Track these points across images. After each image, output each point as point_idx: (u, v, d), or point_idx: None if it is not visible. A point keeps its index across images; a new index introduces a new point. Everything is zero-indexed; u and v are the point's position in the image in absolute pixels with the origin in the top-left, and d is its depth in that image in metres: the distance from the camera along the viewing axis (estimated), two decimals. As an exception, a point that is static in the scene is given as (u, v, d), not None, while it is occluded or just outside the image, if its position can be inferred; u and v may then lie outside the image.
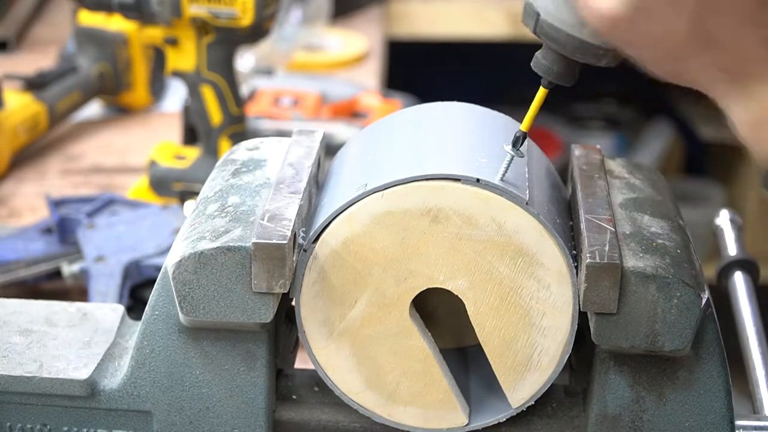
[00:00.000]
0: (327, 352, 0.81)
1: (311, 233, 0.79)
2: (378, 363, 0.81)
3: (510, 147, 0.79)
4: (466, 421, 0.83)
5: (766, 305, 3.11)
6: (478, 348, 0.82)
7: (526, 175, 0.81)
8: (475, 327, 0.80)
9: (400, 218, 0.78)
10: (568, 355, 0.81)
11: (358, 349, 0.81)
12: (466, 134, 0.85)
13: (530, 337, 0.80)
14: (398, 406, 0.82)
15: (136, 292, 1.21)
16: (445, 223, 0.78)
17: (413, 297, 0.80)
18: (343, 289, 0.80)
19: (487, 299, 0.79)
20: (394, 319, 0.80)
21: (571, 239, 0.81)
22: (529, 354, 0.81)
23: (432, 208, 0.78)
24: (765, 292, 3.12)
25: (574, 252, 0.79)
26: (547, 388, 0.82)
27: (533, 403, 0.82)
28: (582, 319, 0.80)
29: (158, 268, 1.19)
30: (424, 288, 0.80)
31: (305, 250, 0.79)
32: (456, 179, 0.78)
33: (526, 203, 0.78)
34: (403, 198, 0.78)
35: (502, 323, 0.80)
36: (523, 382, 0.81)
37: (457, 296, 0.80)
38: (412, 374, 0.81)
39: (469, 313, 0.80)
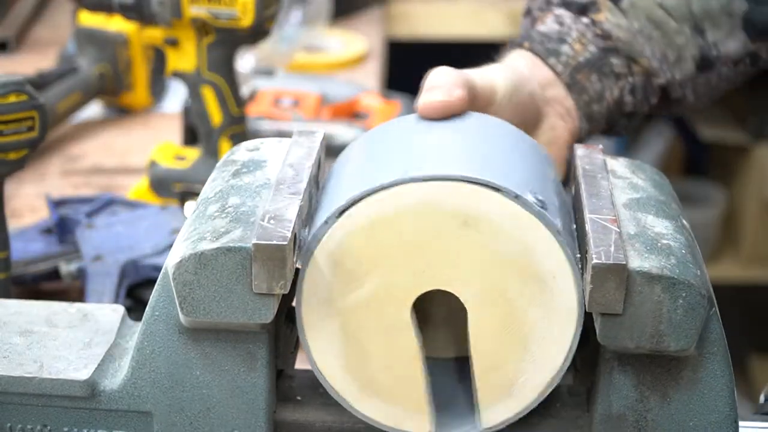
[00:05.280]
0: (320, 341, 0.81)
1: (312, 232, 0.79)
2: (365, 350, 0.80)
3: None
4: (430, 429, 0.82)
5: (766, 307, 3.09)
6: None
7: (557, 203, 0.81)
8: (470, 339, 0.80)
9: (427, 217, 0.78)
10: (551, 389, 0.80)
11: (348, 333, 0.80)
12: (501, 144, 0.85)
13: (521, 363, 0.80)
14: (369, 397, 0.81)
15: (136, 292, 1.21)
16: (474, 230, 0.78)
17: (418, 295, 0.80)
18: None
19: (491, 316, 0.79)
20: (393, 313, 0.80)
21: (575, 240, 0.81)
22: (514, 379, 0.80)
23: (464, 212, 0.77)
24: (765, 293, 3.12)
25: (578, 255, 0.79)
26: (521, 416, 0.81)
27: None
28: (586, 319, 0.80)
29: (156, 268, 1.19)
30: (432, 288, 0.79)
31: (305, 249, 0.79)
32: (496, 189, 0.77)
33: (558, 232, 0.78)
34: (432, 196, 0.77)
35: (498, 343, 0.80)
36: (499, 406, 0.81)
37: (458, 306, 0.80)
38: (394, 369, 0.81)
39: (469, 324, 0.80)
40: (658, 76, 1.08)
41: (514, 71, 1.01)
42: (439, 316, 0.87)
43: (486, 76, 0.96)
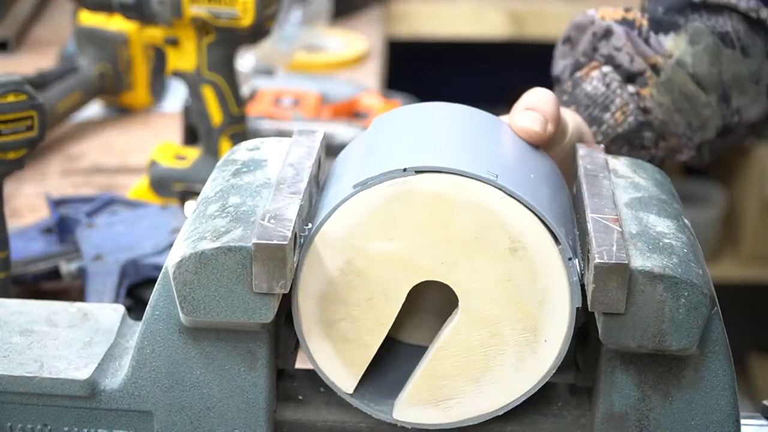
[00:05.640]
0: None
1: (312, 229, 0.79)
2: (344, 298, 0.80)
3: None
4: (350, 392, 0.82)
5: (766, 306, 3.09)
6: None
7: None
8: (442, 338, 0.80)
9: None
10: (477, 422, 0.81)
11: (338, 289, 0.80)
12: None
13: (467, 388, 0.80)
14: (321, 334, 0.81)
15: (136, 292, 1.21)
16: (491, 239, 0.78)
17: (417, 283, 0.79)
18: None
19: (477, 330, 0.79)
20: (388, 290, 0.79)
21: (576, 240, 0.81)
22: (450, 396, 0.81)
23: (485, 220, 0.77)
24: (765, 292, 3.11)
25: (581, 258, 0.79)
26: (435, 428, 0.81)
27: (536, 401, 0.82)
28: (588, 318, 0.80)
29: (156, 267, 1.19)
30: (433, 279, 0.79)
31: (305, 241, 0.79)
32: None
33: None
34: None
35: (464, 358, 0.80)
36: (420, 408, 0.81)
37: (447, 302, 0.80)
38: (359, 325, 0.80)
39: (450, 324, 0.80)
40: (681, 153, 1.11)
41: (580, 129, 1.03)
42: (426, 306, 0.86)
43: (563, 117, 0.97)
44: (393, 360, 0.85)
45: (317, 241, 0.79)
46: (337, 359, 0.81)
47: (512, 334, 0.79)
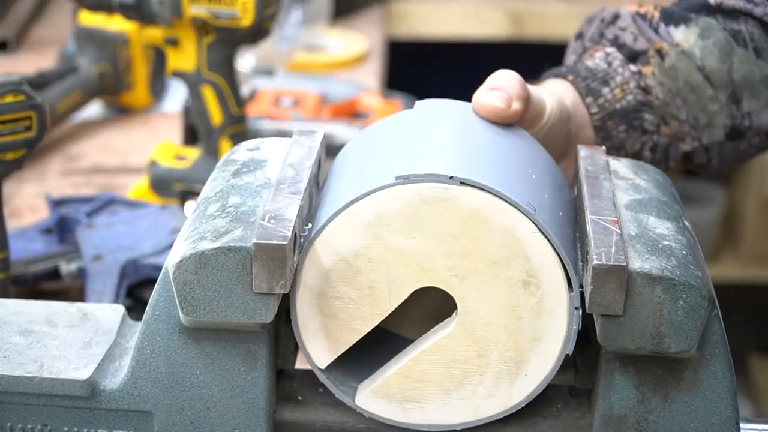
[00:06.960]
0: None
1: (313, 232, 0.79)
2: (350, 279, 0.80)
3: None
4: (322, 367, 0.82)
5: (766, 306, 3.08)
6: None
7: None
8: (429, 341, 0.80)
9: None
10: (433, 431, 0.82)
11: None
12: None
13: (437, 396, 0.81)
14: (314, 304, 0.80)
15: (136, 292, 1.21)
16: (510, 267, 0.78)
17: (415, 289, 0.80)
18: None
19: (470, 340, 0.79)
20: (399, 281, 0.79)
21: (576, 242, 0.81)
22: (416, 398, 0.81)
23: (510, 248, 0.77)
24: (765, 292, 3.11)
25: (582, 263, 0.79)
26: (388, 423, 0.82)
27: (536, 403, 0.82)
28: (587, 320, 0.80)
29: (156, 268, 1.19)
30: (430, 285, 0.79)
31: (305, 245, 0.79)
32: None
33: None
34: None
35: (445, 369, 0.80)
36: (384, 404, 0.82)
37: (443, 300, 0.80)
38: (353, 308, 0.80)
39: (440, 330, 0.80)
40: (684, 142, 1.09)
41: (561, 104, 1.01)
42: (416, 299, 0.86)
43: (539, 97, 0.96)
44: (369, 345, 0.85)
45: (344, 215, 0.78)
46: (321, 332, 0.81)
47: (497, 361, 0.80)
